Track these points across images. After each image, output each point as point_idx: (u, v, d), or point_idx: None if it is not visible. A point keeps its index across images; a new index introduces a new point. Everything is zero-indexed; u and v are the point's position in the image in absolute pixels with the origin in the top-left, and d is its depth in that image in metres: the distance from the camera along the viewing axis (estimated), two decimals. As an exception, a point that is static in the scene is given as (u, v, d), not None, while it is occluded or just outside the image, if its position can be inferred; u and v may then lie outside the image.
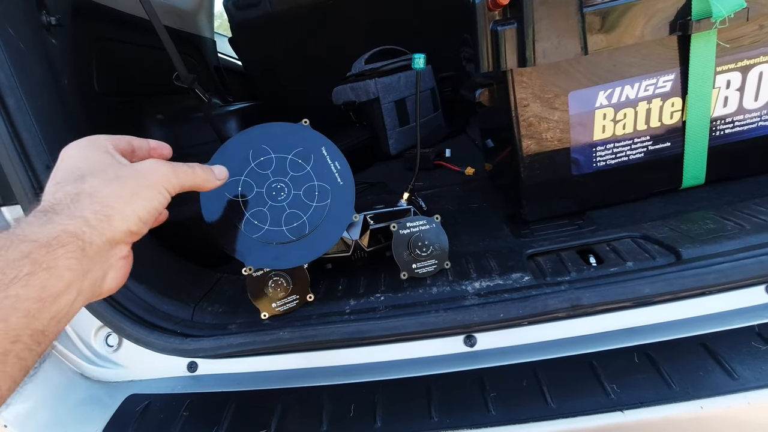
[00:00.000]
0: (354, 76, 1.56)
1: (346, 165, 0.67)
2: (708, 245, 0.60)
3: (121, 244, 0.39)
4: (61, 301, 0.34)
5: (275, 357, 0.63)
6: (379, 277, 0.70)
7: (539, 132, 0.78)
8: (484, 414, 0.50)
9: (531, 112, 0.76)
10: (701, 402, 0.47)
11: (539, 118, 0.77)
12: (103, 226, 0.37)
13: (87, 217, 0.37)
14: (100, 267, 0.38)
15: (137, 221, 0.39)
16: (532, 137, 0.78)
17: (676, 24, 0.70)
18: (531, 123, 0.77)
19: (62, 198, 0.38)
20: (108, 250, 0.38)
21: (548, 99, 0.75)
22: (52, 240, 0.34)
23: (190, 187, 0.47)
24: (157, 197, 0.41)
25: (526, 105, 0.76)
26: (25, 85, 0.61)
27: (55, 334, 0.35)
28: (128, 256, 0.42)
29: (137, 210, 0.39)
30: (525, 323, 0.58)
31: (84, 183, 0.39)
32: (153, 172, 0.42)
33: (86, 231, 0.36)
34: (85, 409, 0.63)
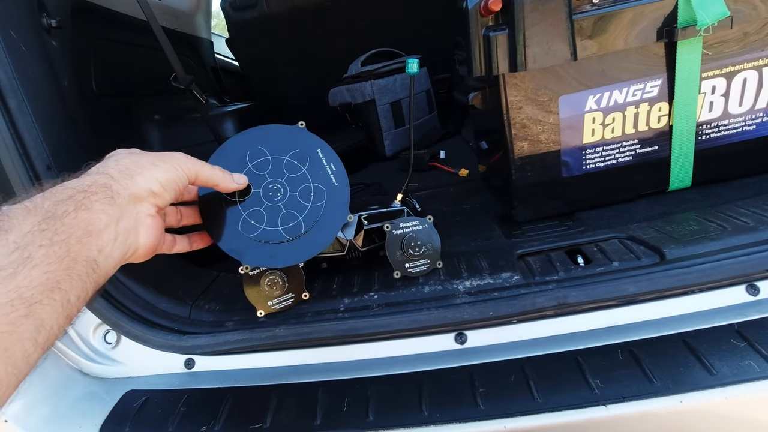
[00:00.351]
0: (350, 78, 1.58)
1: (341, 166, 0.69)
2: (691, 246, 0.62)
3: (145, 202, 0.45)
4: (104, 236, 0.40)
5: (271, 354, 0.65)
6: (373, 276, 0.71)
7: (530, 134, 0.79)
8: (473, 408, 0.52)
9: (522, 115, 0.78)
10: (681, 396, 0.48)
11: (530, 120, 0.79)
12: (126, 182, 0.44)
13: (112, 174, 0.44)
14: (130, 216, 0.44)
15: (157, 184, 0.46)
16: (524, 139, 0.80)
17: (662, 31, 0.72)
18: (522, 126, 0.79)
19: (95, 167, 0.46)
20: (134, 204, 0.44)
21: (539, 103, 0.77)
22: (87, 187, 0.41)
23: (206, 180, 0.54)
24: (175, 171, 0.48)
25: (518, 108, 0.78)
26: (27, 86, 0.62)
27: (105, 270, 0.41)
28: (156, 217, 0.47)
29: (157, 175, 0.46)
30: (514, 321, 0.60)
31: (113, 157, 0.47)
32: (175, 154, 0.50)
33: (112, 184, 0.43)
34: (84, 405, 0.64)
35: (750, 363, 0.50)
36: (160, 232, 0.49)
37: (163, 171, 0.47)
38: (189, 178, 0.51)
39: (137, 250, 0.46)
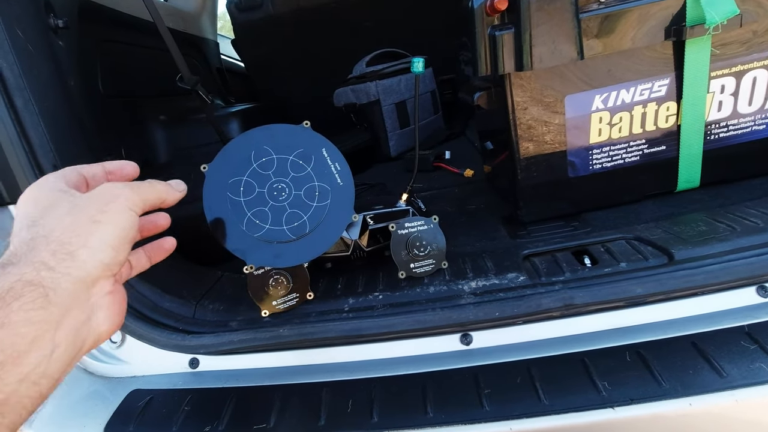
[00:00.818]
0: (355, 78, 1.58)
1: (346, 166, 0.68)
2: (699, 247, 0.61)
3: (99, 280, 0.36)
4: (29, 360, 0.30)
5: (275, 354, 0.65)
6: (378, 276, 0.71)
7: (536, 135, 0.79)
8: (479, 410, 0.51)
9: (528, 115, 0.78)
10: (690, 399, 0.48)
11: (536, 121, 0.78)
12: (67, 265, 0.33)
13: (45, 260, 0.33)
14: (80, 311, 0.34)
15: (108, 250, 0.36)
16: (529, 140, 0.79)
17: (670, 30, 0.71)
18: (528, 126, 0.78)
19: (19, 247, 0.34)
20: (84, 290, 0.34)
21: (545, 102, 0.77)
22: (4, 294, 0.30)
23: (155, 203, 0.44)
24: (122, 218, 0.38)
25: (524, 108, 0.77)
26: (33, 85, 0.63)
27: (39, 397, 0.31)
28: (115, 291, 0.38)
29: (104, 238, 0.36)
30: (520, 322, 0.60)
31: (37, 227, 0.35)
32: (109, 194, 0.38)
33: (46, 276, 0.32)
34: (89, 404, 0.64)
35: (761, 365, 0.49)
36: (122, 306, 0.40)
37: (111, 227, 0.36)
38: (139, 214, 0.40)
39: (99, 337, 0.37)
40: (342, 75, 1.66)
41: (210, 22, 1.91)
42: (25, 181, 0.63)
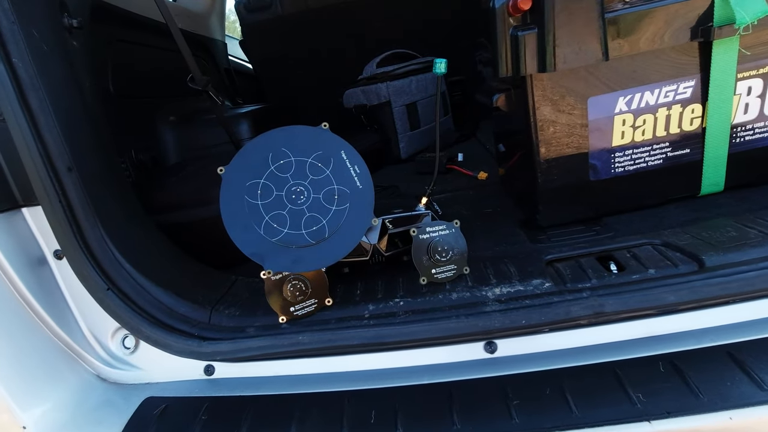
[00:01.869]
0: (365, 79, 1.56)
1: (365, 169, 0.67)
2: (731, 253, 0.60)
3: None
4: None
5: (294, 361, 0.63)
6: (397, 282, 0.69)
7: (557, 137, 0.77)
8: (508, 421, 0.50)
9: (549, 117, 0.76)
10: (730, 413, 0.46)
11: (557, 123, 0.76)
12: None
13: None
14: None
15: None
16: (550, 142, 0.78)
17: (697, 30, 0.70)
18: (549, 128, 0.77)
19: None
20: None
21: (567, 104, 0.75)
22: None
23: None
24: None
25: (545, 110, 0.76)
26: (48, 86, 0.61)
27: None
28: None
29: None
30: (546, 330, 0.58)
31: None
32: None
33: None
34: (103, 412, 0.63)
35: (803, 378, 0.47)
36: None
37: None
38: None
39: None
40: (351, 76, 1.64)
41: (218, 23, 1.90)
42: (39, 184, 0.61)
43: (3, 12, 0.59)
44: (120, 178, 0.76)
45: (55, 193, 0.62)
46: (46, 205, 0.62)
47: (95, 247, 0.65)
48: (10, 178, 0.63)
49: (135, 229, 0.73)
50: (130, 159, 1.13)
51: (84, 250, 0.64)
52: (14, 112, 0.59)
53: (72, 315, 0.68)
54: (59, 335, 0.66)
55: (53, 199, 0.61)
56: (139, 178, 1.12)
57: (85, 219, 0.64)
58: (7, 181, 0.63)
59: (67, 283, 0.67)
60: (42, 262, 0.67)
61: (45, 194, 0.62)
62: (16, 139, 0.59)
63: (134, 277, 0.67)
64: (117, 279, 0.65)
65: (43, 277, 0.66)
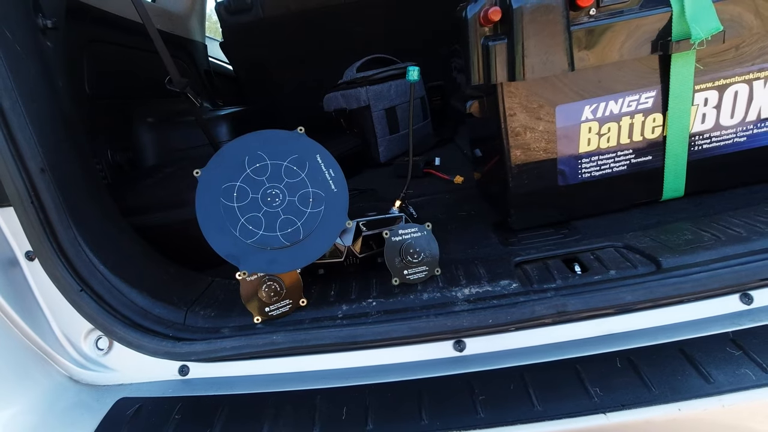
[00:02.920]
0: (345, 84, 1.58)
1: (340, 172, 0.69)
2: (686, 255, 0.63)
3: None
4: None
5: (268, 361, 0.64)
6: (371, 283, 0.71)
7: (527, 143, 0.80)
8: (474, 416, 0.52)
9: (519, 124, 0.79)
10: (679, 405, 0.49)
11: (527, 129, 0.79)
12: None
13: None
14: None
15: None
16: (520, 148, 0.81)
17: (657, 44, 0.74)
18: (519, 134, 0.80)
19: None
20: None
21: (536, 112, 0.78)
22: None
23: None
24: None
25: (515, 116, 0.78)
26: (21, 87, 0.61)
27: None
28: None
29: None
30: (513, 329, 0.60)
31: None
32: None
33: None
34: (75, 413, 0.63)
35: (746, 371, 0.50)
36: None
37: None
38: None
39: None
40: (332, 80, 1.66)
41: (198, 24, 1.89)
42: (11, 185, 0.61)
43: (-25, 12, 0.59)
44: (95, 180, 0.76)
45: (28, 194, 0.61)
46: (18, 206, 0.62)
47: (68, 248, 0.64)
48: (-19, 178, 0.62)
49: (110, 231, 0.73)
50: (106, 160, 1.12)
51: (56, 251, 0.64)
52: (-14, 113, 0.59)
53: (44, 316, 0.67)
54: (30, 337, 0.66)
55: (25, 201, 0.61)
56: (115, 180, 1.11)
57: (59, 220, 0.64)
58: (-22, 181, 0.62)
59: (38, 285, 0.67)
60: (13, 263, 0.66)
61: (17, 195, 0.61)
62: (-13, 139, 0.59)
63: (108, 278, 0.67)
64: (90, 280, 0.65)
65: (13, 279, 0.66)
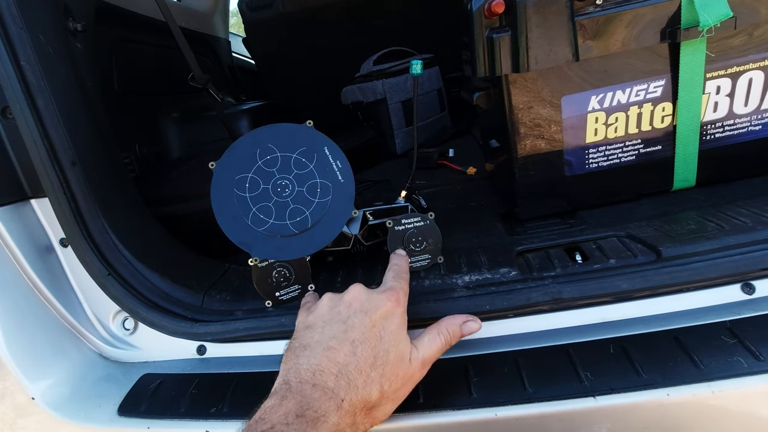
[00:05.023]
0: (362, 77, 1.60)
1: (346, 164, 0.71)
2: (687, 245, 0.63)
3: None
4: None
5: (278, 342, 0.68)
6: (377, 270, 0.74)
7: (533, 134, 0.81)
8: (467, 397, 0.54)
9: (525, 115, 0.80)
10: (668, 390, 0.50)
11: (533, 120, 0.80)
12: None
13: None
14: None
15: None
16: (527, 139, 0.81)
17: (665, 32, 0.73)
18: (525, 125, 0.80)
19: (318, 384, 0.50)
20: None
21: (542, 102, 0.79)
22: None
23: None
24: None
25: (521, 108, 0.79)
26: (54, 86, 0.67)
27: None
28: None
29: None
30: (510, 315, 0.62)
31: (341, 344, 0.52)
32: None
33: None
34: (103, 386, 0.69)
35: (738, 359, 0.51)
36: None
37: None
38: None
39: None
40: (350, 73, 1.69)
41: (222, 21, 1.95)
42: (46, 177, 0.67)
43: (12, 18, 0.64)
44: (121, 172, 0.82)
45: (60, 186, 0.67)
46: (52, 197, 0.67)
47: (97, 235, 0.70)
48: (20, 171, 0.69)
49: (134, 220, 0.79)
50: (135, 154, 1.19)
51: (87, 238, 0.69)
52: (22, 111, 0.64)
53: (77, 298, 0.74)
54: (65, 317, 0.72)
55: (58, 192, 0.67)
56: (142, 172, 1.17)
57: (88, 210, 0.70)
58: (17, 174, 0.68)
59: (72, 269, 0.73)
60: (49, 249, 0.73)
61: (51, 187, 0.67)
62: (24, 136, 0.65)
63: (133, 263, 0.72)
64: (117, 265, 0.71)
65: (50, 264, 0.72)
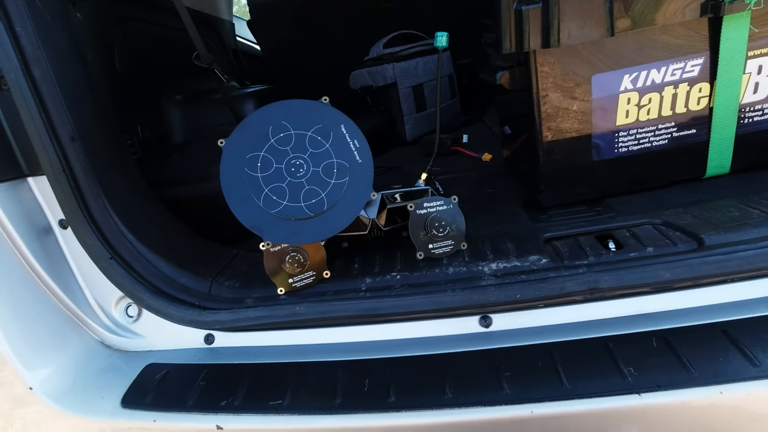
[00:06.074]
0: (372, 60, 1.55)
1: (365, 143, 0.67)
2: (732, 232, 0.59)
3: None
4: None
5: (290, 332, 0.64)
6: (395, 256, 0.70)
7: (560, 116, 0.76)
8: (499, 392, 0.50)
9: (552, 95, 0.75)
10: (721, 387, 0.46)
11: (561, 101, 0.75)
12: None
13: None
14: None
15: None
16: (553, 120, 0.77)
17: (707, 5, 0.68)
18: (552, 106, 0.76)
19: None
20: None
21: (571, 82, 0.74)
22: None
23: None
24: None
25: (548, 88, 0.75)
26: (51, 55, 0.62)
27: None
28: None
29: None
30: (541, 305, 0.58)
31: None
32: None
33: None
34: (106, 376, 0.65)
35: (797, 355, 0.47)
36: None
37: None
38: None
39: None
40: (358, 57, 1.63)
41: (226, 2, 1.89)
42: (43, 154, 0.62)
43: (6, -19, 0.59)
44: (124, 152, 0.77)
45: (59, 162, 0.63)
46: (50, 174, 0.63)
47: (98, 216, 0.66)
48: (16, 147, 0.64)
49: (138, 202, 0.74)
50: (137, 136, 1.14)
51: (87, 219, 0.65)
52: (18, 81, 0.60)
53: (77, 283, 0.69)
54: (65, 302, 0.68)
55: (57, 169, 0.62)
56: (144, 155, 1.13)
57: (89, 189, 0.65)
58: (12, 150, 0.64)
59: (72, 252, 0.69)
60: (48, 231, 0.68)
61: (49, 164, 0.63)
62: (20, 107, 0.60)
63: (136, 247, 0.68)
64: (120, 248, 0.67)
65: (48, 246, 0.68)
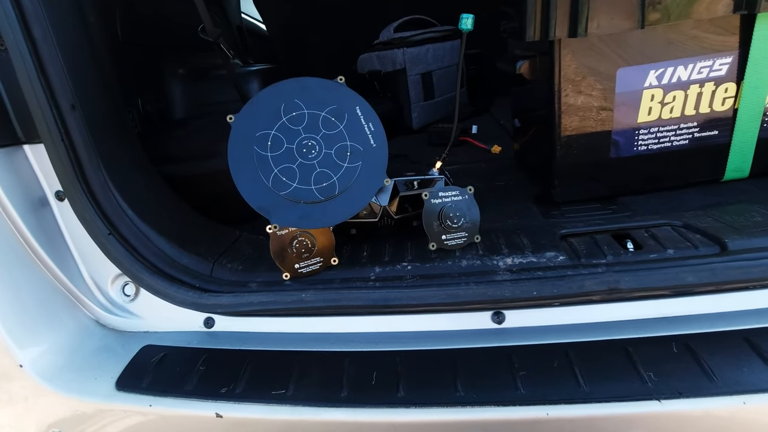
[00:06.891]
0: (381, 44, 1.51)
1: (380, 127, 0.64)
2: (756, 238, 0.57)
3: None
4: None
5: (295, 319, 0.62)
6: (406, 246, 0.68)
7: (581, 110, 0.74)
8: (513, 391, 0.48)
9: (574, 86, 0.72)
10: (744, 397, 0.44)
11: (582, 93, 0.73)
12: None
13: None
14: None
15: None
16: (573, 114, 0.74)
17: (742, 1, 0.65)
18: (573, 99, 0.73)
19: None
20: None
21: (595, 74, 0.71)
22: None
23: None
24: None
25: (571, 79, 0.72)
26: (52, 16, 0.58)
27: None
28: None
29: None
30: (557, 303, 0.56)
31: None
32: None
33: None
34: (101, 357, 0.62)
35: (823, 367, 0.45)
36: None
37: None
38: None
39: None
40: (366, 41, 1.59)
41: (232, -23, 1.83)
42: (42, 121, 0.59)
43: (5, -68, 0.55)
44: (125, 124, 0.74)
45: (58, 131, 0.59)
46: (48, 142, 0.60)
47: (98, 190, 0.63)
48: (12, 112, 0.60)
49: (139, 177, 0.71)
50: (137, 109, 1.10)
51: (86, 192, 0.62)
52: (17, 42, 0.56)
53: (72, 259, 0.66)
54: (59, 278, 0.65)
55: (55, 137, 0.59)
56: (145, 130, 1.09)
57: (88, 161, 0.62)
58: (8, 114, 0.60)
59: (68, 226, 0.65)
60: (43, 202, 0.65)
61: (47, 132, 0.59)
62: (18, 70, 0.57)
63: (136, 224, 0.65)
64: (119, 224, 0.64)
65: (44, 218, 0.65)
